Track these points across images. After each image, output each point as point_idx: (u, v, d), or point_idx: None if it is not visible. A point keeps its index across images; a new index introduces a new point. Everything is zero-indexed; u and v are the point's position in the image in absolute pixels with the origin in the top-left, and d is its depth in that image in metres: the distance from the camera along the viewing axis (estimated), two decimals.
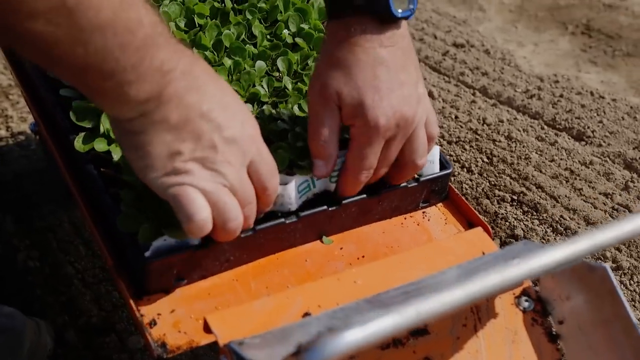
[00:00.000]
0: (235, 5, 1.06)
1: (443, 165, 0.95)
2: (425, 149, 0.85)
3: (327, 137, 0.81)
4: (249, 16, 1.04)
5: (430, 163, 0.90)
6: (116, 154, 0.84)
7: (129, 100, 0.65)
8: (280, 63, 0.99)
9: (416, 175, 0.90)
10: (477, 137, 1.69)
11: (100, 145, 0.85)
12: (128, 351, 1.13)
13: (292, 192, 0.81)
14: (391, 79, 0.80)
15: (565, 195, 1.48)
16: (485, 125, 1.73)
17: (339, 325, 0.48)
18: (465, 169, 1.58)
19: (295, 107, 0.93)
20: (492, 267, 0.55)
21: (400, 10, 0.79)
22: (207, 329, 0.71)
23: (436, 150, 0.91)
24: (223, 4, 1.05)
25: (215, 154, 0.70)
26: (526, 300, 0.82)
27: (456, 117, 1.77)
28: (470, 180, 1.54)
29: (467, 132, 1.70)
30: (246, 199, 0.73)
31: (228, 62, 0.98)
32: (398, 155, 0.84)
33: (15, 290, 1.27)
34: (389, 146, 0.82)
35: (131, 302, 0.78)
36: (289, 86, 0.97)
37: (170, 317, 0.77)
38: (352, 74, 0.79)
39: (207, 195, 0.70)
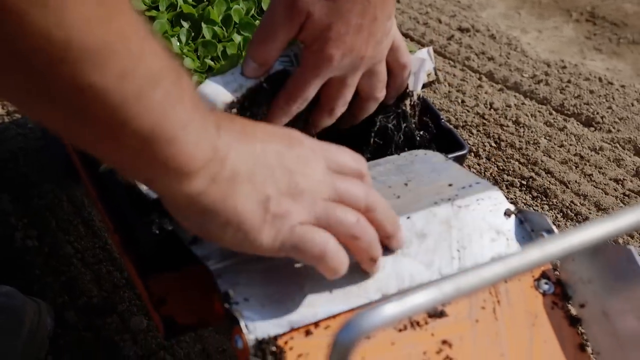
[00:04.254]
0: None
1: (458, 145, 0.93)
2: (384, 82, 0.84)
3: (273, 47, 0.78)
4: None
5: (412, 75, 0.89)
6: None
7: (195, 165, 0.55)
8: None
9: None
10: (485, 121, 1.66)
11: None
12: (130, 332, 1.11)
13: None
14: (365, 13, 0.77)
15: (575, 181, 1.46)
16: (492, 110, 1.71)
17: None
18: (472, 153, 1.55)
19: None
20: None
21: None
22: (218, 307, 0.68)
23: (423, 62, 0.90)
24: None
25: (292, 176, 0.62)
26: (545, 283, 0.80)
27: (462, 101, 1.74)
28: (479, 164, 1.51)
29: (474, 117, 1.67)
30: (350, 198, 0.66)
31: (237, 38, 0.95)
32: (356, 91, 0.83)
33: (13, 269, 1.24)
34: (344, 84, 0.80)
35: (139, 280, 0.75)
36: None
37: (180, 296, 0.74)
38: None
39: (319, 223, 0.63)
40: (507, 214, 0.82)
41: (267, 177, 0.61)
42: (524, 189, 1.46)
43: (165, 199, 0.61)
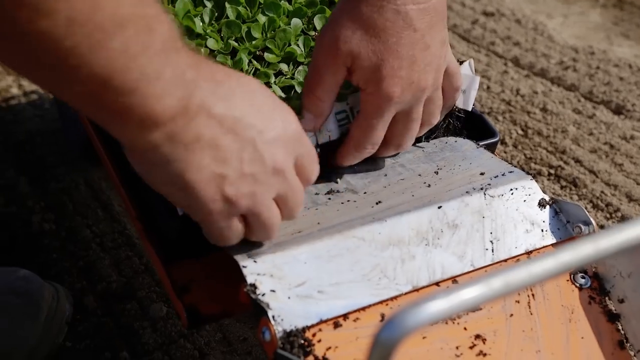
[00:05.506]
0: None
1: (489, 132, 0.90)
2: (440, 108, 0.80)
3: (323, 94, 0.74)
4: None
5: (461, 93, 0.86)
6: None
7: (155, 119, 0.55)
8: (317, 21, 0.93)
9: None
10: (511, 108, 1.62)
11: None
12: (150, 319, 1.09)
13: (331, 120, 0.78)
14: (415, 43, 0.72)
15: (606, 170, 1.42)
16: (519, 96, 1.66)
17: None
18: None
19: None
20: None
21: None
22: (244, 298, 0.65)
23: (473, 80, 0.86)
24: None
25: (264, 165, 0.61)
26: (582, 277, 0.77)
27: (488, 87, 1.70)
28: (505, 152, 1.48)
29: (499, 103, 1.63)
30: (293, 202, 0.66)
31: (262, 18, 0.92)
32: None
33: (30, 253, 1.23)
34: (409, 119, 0.77)
35: (162, 267, 0.73)
36: None
37: (203, 284, 0.72)
38: (375, 35, 0.71)
39: (250, 220, 0.63)
40: (542, 204, 0.79)
41: (234, 153, 0.59)
42: (552, 178, 1.42)
43: (121, 141, 0.59)
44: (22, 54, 0.50)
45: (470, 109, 0.88)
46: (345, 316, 0.66)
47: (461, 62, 0.88)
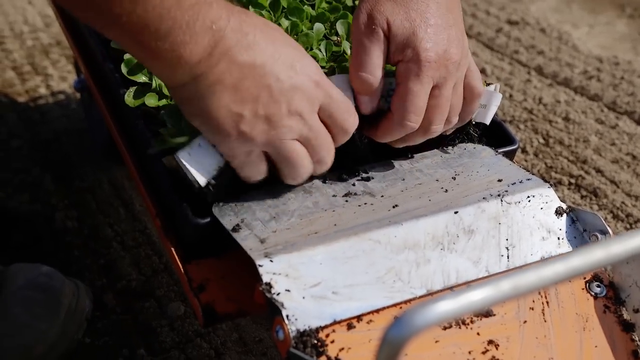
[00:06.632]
0: None
1: (509, 140, 0.90)
2: (459, 108, 0.81)
3: (373, 69, 0.76)
4: None
5: (483, 107, 0.85)
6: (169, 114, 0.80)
7: (183, 62, 0.64)
8: (339, 26, 0.94)
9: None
10: (533, 117, 1.62)
11: (151, 101, 0.81)
12: (168, 318, 1.10)
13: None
14: (442, 15, 0.76)
15: (627, 181, 1.41)
16: (541, 105, 1.66)
17: None
18: (519, 149, 1.51)
19: None
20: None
21: None
22: (259, 297, 0.66)
23: (495, 96, 0.86)
24: None
25: (279, 108, 0.68)
26: (597, 286, 0.77)
27: (510, 95, 1.70)
28: (525, 160, 1.47)
29: (521, 112, 1.63)
30: (319, 146, 0.72)
31: (285, 23, 0.93)
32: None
33: (53, 250, 1.25)
34: (441, 94, 0.76)
35: (180, 265, 0.74)
36: (348, 51, 0.91)
37: (220, 283, 0.73)
38: (404, 3, 0.75)
39: (274, 156, 0.70)
40: (559, 212, 0.79)
41: (251, 98, 0.67)
42: (573, 187, 1.41)
43: (158, 77, 0.71)
44: (77, 2, 0.61)
45: (488, 124, 0.87)
46: (359, 318, 0.66)
47: (488, 84, 0.88)
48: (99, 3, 0.59)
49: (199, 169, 0.72)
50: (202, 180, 0.72)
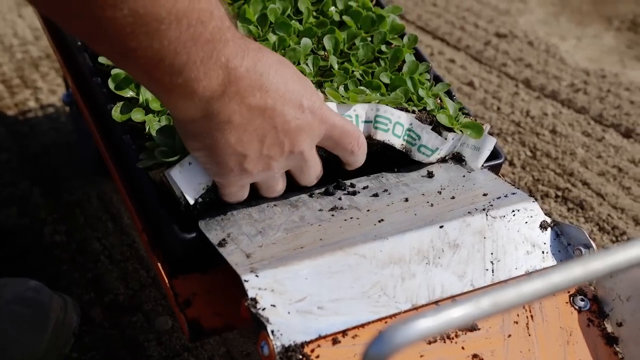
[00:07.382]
0: None
1: (494, 154, 0.90)
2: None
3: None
4: None
5: (476, 150, 0.86)
6: (152, 128, 0.80)
7: (195, 98, 0.64)
8: (326, 41, 0.95)
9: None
10: (520, 129, 1.63)
11: (137, 116, 0.81)
12: (155, 332, 1.10)
13: None
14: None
15: (613, 194, 1.42)
16: (528, 117, 1.67)
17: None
18: (507, 162, 1.52)
19: (341, 88, 0.88)
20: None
21: None
22: (244, 312, 0.66)
23: (489, 140, 0.86)
24: None
25: (282, 149, 0.71)
26: (582, 300, 0.77)
27: (498, 108, 1.71)
28: (513, 173, 1.48)
29: (509, 124, 1.64)
30: (308, 174, 0.76)
31: (273, 37, 0.94)
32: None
33: (41, 264, 1.25)
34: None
35: (166, 279, 0.74)
36: (335, 65, 0.92)
37: (206, 298, 0.73)
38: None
39: (260, 183, 0.75)
40: (544, 226, 0.79)
41: (258, 137, 0.69)
42: (560, 200, 1.42)
43: (167, 109, 0.73)
44: (93, 31, 0.59)
45: (478, 169, 0.87)
46: (344, 332, 0.66)
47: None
48: (113, 37, 0.58)
49: (188, 187, 0.73)
50: (190, 199, 0.73)
